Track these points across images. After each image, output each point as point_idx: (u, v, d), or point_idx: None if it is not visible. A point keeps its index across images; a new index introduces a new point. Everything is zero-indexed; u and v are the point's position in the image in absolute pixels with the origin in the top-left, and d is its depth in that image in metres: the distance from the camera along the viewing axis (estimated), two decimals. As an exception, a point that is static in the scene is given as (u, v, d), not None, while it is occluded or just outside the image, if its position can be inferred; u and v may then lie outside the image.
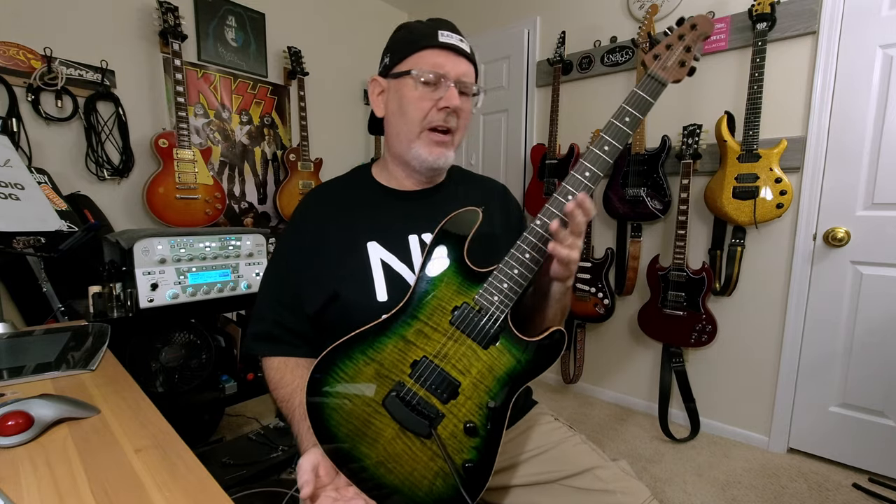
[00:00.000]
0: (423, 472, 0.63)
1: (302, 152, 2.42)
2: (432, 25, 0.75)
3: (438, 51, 0.73)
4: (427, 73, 0.72)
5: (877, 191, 1.61)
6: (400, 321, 0.66)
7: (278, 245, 0.84)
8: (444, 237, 0.70)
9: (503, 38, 2.57)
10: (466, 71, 0.75)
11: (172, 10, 1.91)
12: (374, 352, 0.65)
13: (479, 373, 0.64)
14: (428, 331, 0.65)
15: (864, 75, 1.60)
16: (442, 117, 0.75)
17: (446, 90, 0.73)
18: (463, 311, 0.65)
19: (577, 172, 0.65)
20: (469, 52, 0.76)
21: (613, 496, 0.71)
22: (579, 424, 2.11)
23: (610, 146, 0.65)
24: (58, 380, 0.78)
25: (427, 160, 0.77)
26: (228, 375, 1.48)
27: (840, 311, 1.72)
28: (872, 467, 1.69)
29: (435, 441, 0.63)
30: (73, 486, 0.49)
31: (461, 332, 0.65)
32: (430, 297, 0.67)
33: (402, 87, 0.75)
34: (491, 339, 0.64)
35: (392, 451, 0.63)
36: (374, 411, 0.63)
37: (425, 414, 0.63)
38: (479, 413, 0.64)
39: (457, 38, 0.75)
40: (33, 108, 1.69)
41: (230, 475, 1.45)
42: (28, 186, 1.18)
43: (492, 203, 0.87)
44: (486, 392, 0.64)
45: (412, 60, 0.74)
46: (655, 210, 1.98)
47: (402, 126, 0.77)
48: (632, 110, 0.66)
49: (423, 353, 0.65)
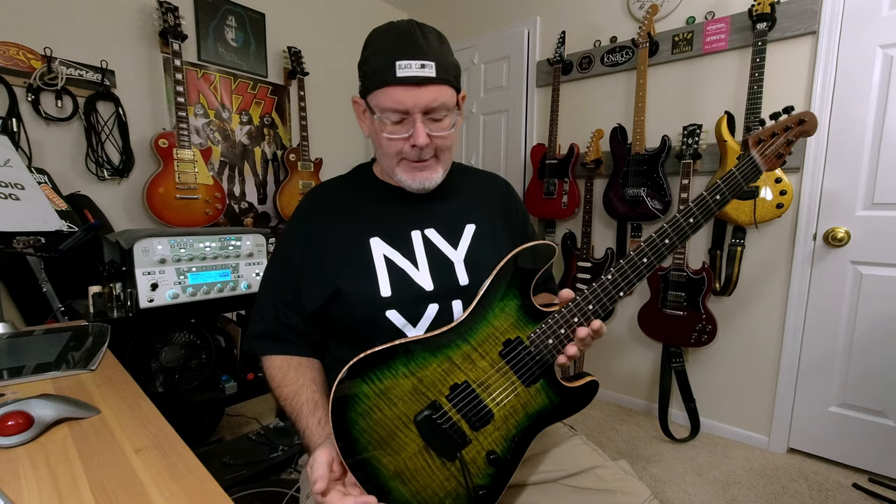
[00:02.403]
0: (435, 489, 0.63)
1: (302, 152, 2.42)
2: (391, 52, 0.67)
3: (397, 87, 0.68)
4: (389, 114, 0.70)
5: (877, 191, 1.61)
6: (449, 341, 0.65)
7: (279, 243, 0.84)
8: (513, 266, 0.68)
9: (503, 38, 2.57)
10: (434, 97, 0.69)
11: (172, 10, 1.91)
12: (417, 366, 0.64)
13: (513, 407, 0.65)
14: (476, 357, 0.65)
15: (864, 75, 1.60)
16: (416, 154, 0.72)
17: (413, 126, 0.70)
18: (515, 346, 0.66)
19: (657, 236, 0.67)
20: (435, 76, 0.68)
21: (614, 496, 0.71)
22: (579, 424, 2.11)
23: (694, 218, 0.67)
24: (58, 380, 0.78)
25: (412, 185, 0.76)
26: (228, 375, 1.48)
27: (840, 311, 1.72)
28: (872, 467, 1.69)
29: (456, 464, 0.63)
30: (73, 486, 0.49)
31: (508, 367, 0.65)
32: (486, 324, 0.66)
33: (374, 123, 0.73)
34: (534, 380, 0.66)
35: (411, 466, 0.62)
36: (403, 425, 0.63)
37: (454, 438, 0.63)
38: (504, 444, 0.65)
39: (416, 66, 0.67)
40: (33, 108, 1.69)
41: (230, 475, 1.45)
42: (28, 186, 1.18)
43: (494, 200, 0.87)
44: (515, 426, 0.65)
45: (375, 98, 0.70)
46: (655, 210, 1.98)
47: (382, 155, 0.76)
48: (724, 188, 0.67)
49: (466, 379, 0.64)
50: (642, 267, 0.65)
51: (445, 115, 0.72)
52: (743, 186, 0.67)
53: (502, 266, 0.68)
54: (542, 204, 2.30)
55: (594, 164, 2.11)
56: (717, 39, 1.86)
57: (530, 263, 0.68)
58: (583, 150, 2.19)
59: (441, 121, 0.72)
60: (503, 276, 0.68)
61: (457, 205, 0.81)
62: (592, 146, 2.11)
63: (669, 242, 0.66)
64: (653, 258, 0.65)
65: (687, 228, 0.66)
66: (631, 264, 0.65)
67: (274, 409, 2.14)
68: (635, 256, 0.65)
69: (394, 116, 0.70)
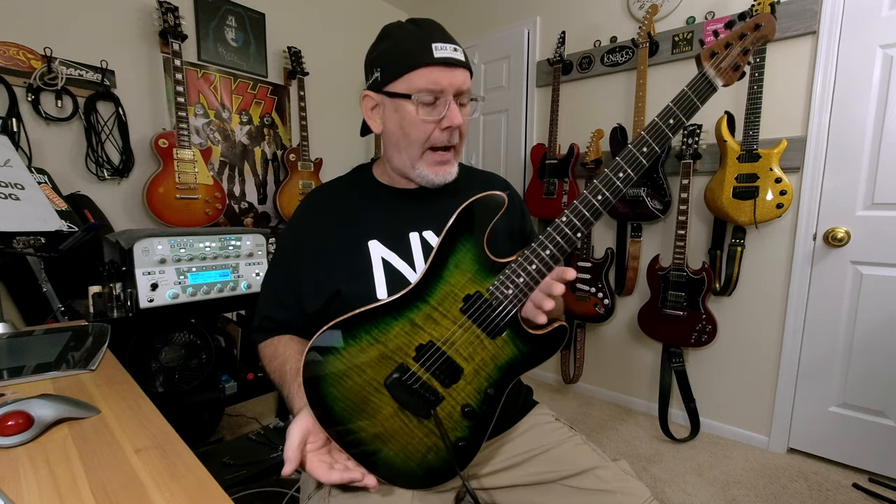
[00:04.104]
0: (417, 446, 0.64)
1: (302, 152, 2.42)
2: (423, 37, 0.70)
3: (433, 67, 0.70)
4: (426, 94, 0.70)
5: (877, 191, 1.61)
6: (409, 304, 0.65)
7: (279, 245, 0.85)
8: (464, 220, 0.67)
9: (503, 38, 2.57)
10: (463, 80, 0.72)
11: (172, 10, 1.91)
12: (380, 332, 0.64)
13: (482, 360, 0.65)
14: (437, 316, 0.65)
15: (864, 75, 1.60)
16: (446, 137, 0.74)
17: (446, 107, 0.71)
18: (475, 300, 0.65)
19: (612, 172, 0.63)
20: (464, 60, 0.73)
21: (614, 496, 0.71)
22: (579, 424, 2.11)
23: (648, 147, 0.62)
24: (58, 380, 0.78)
25: (434, 180, 0.77)
26: (228, 375, 1.48)
27: (840, 311, 1.72)
28: (872, 467, 1.69)
29: (432, 420, 0.64)
30: (73, 486, 0.49)
31: (471, 322, 0.65)
32: (443, 282, 0.66)
33: (402, 109, 0.73)
34: (499, 331, 0.65)
35: (389, 428, 0.63)
36: (374, 390, 0.63)
37: (426, 397, 0.64)
38: (478, 397, 0.65)
39: (450, 49, 0.71)
40: (33, 108, 1.69)
41: (230, 475, 1.45)
42: (28, 186, 1.18)
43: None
44: (487, 378, 0.66)
45: (407, 80, 0.71)
46: (655, 210, 1.98)
47: (405, 146, 0.75)
48: (678, 111, 0.63)
49: (431, 338, 0.64)
50: (597, 204, 0.63)
51: (469, 100, 0.76)
52: (698, 106, 0.63)
53: (452, 224, 0.67)
54: (542, 204, 2.29)
55: (594, 164, 2.11)
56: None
57: (481, 215, 0.67)
58: (583, 150, 2.19)
59: (466, 106, 0.75)
60: (455, 233, 0.67)
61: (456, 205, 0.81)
62: (592, 146, 2.11)
63: (624, 176, 0.63)
64: (608, 194, 0.63)
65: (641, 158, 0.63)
66: (585, 203, 0.63)
67: (274, 409, 2.14)
68: (589, 195, 0.63)
69: (428, 97, 0.71)
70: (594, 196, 0.63)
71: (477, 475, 0.78)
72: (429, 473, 0.65)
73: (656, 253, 2.02)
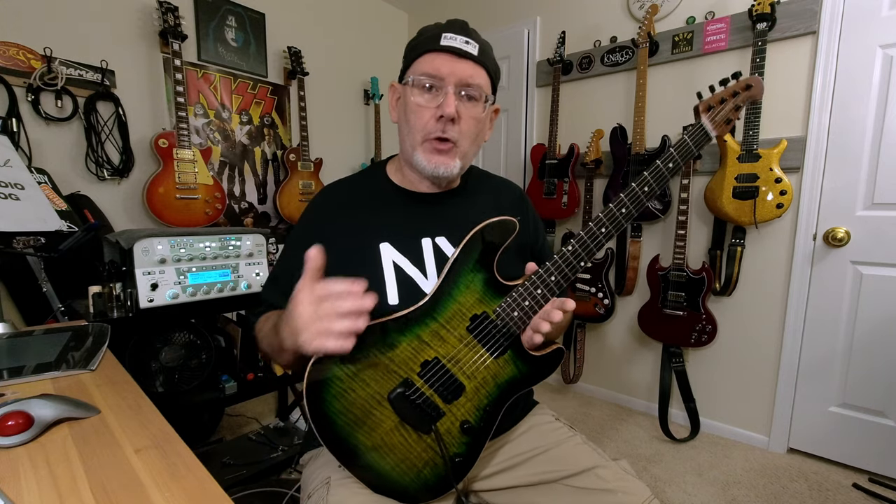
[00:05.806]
0: (414, 460, 0.65)
1: (302, 152, 2.42)
2: (440, 28, 0.73)
3: (437, 54, 0.71)
4: (422, 78, 0.71)
5: (877, 191, 1.61)
6: (417, 320, 0.66)
7: (288, 241, 0.84)
8: (476, 242, 0.69)
9: (503, 38, 2.57)
10: (472, 73, 0.71)
11: (172, 10, 1.91)
12: (387, 347, 0.64)
13: (483, 378, 0.67)
14: (444, 333, 0.66)
15: (864, 75, 1.60)
16: (439, 127, 0.72)
17: (445, 96, 0.70)
18: (482, 320, 0.67)
19: (615, 207, 0.67)
20: (476, 55, 0.72)
21: (614, 495, 0.71)
22: (579, 424, 2.11)
23: (649, 187, 0.68)
24: (58, 380, 0.78)
25: (426, 168, 0.75)
26: (228, 375, 1.48)
27: (840, 311, 1.72)
28: (872, 467, 1.69)
29: (431, 435, 0.65)
30: (73, 486, 0.49)
31: (476, 341, 0.67)
32: (452, 301, 0.67)
33: (407, 94, 0.74)
34: (502, 351, 0.67)
35: (388, 441, 0.64)
36: (377, 403, 0.63)
37: (428, 412, 0.64)
38: (476, 414, 0.67)
39: (461, 40, 0.71)
40: (33, 108, 1.69)
41: (230, 475, 1.45)
42: (28, 186, 1.18)
43: (507, 208, 0.85)
44: (486, 396, 0.67)
45: (414, 67, 0.73)
46: (655, 210, 1.98)
47: (406, 133, 0.76)
48: (677, 156, 0.68)
49: (436, 355, 0.65)
50: (601, 236, 0.67)
51: (480, 96, 0.74)
52: (694, 153, 0.70)
53: (465, 244, 0.69)
54: (542, 204, 2.29)
55: (594, 164, 2.11)
56: (717, 39, 1.86)
57: (493, 238, 0.69)
58: (583, 150, 2.19)
59: (474, 99, 0.73)
60: (469, 252, 0.69)
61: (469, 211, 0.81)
62: (592, 146, 2.11)
63: (626, 212, 0.67)
64: (611, 228, 0.67)
65: (643, 197, 0.68)
66: (591, 235, 0.67)
67: (274, 409, 2.14)
68: (594, 227, 0.67)
69: (426, 81, 0.71)
70: (598, 228, 0.67)
71: (477, 476, 0.78)
72: (425, 487, 0.66)
73: (656, 253, 2.02)
